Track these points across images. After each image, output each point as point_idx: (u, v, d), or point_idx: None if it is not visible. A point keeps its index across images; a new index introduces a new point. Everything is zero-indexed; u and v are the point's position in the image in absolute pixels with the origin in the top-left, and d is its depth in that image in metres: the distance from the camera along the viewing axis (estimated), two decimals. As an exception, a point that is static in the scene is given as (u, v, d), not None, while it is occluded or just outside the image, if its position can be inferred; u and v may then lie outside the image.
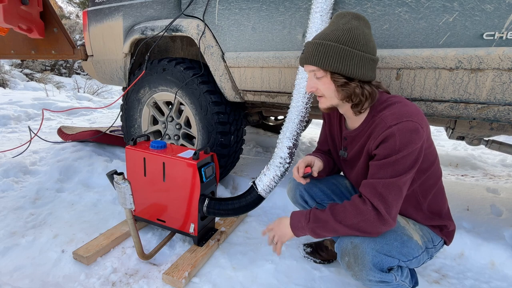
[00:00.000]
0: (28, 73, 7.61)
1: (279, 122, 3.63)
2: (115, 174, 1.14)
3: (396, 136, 0.89)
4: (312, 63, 0.97)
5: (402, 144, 0.89)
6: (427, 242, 1.05)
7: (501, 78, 1.12)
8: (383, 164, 0.92)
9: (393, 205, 0.92)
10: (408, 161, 0.91)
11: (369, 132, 1.01)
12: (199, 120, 1.87)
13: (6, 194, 1.88)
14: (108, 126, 2.69)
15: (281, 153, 1.34)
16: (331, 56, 0.94)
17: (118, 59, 2.17)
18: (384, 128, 0.92)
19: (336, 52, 0.93)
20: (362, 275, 0.96)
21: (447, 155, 3.06)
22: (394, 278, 0.97)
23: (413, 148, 0.90)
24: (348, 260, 0.99)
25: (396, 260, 0.97)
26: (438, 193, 1.09)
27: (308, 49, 0.99)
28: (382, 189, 0.91)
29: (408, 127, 0.89)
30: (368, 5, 1.28)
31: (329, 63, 0.94)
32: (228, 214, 1.37)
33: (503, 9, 1.06)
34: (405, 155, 0.90)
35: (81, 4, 14.19)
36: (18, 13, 2.06)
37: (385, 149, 0.92)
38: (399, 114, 0.92)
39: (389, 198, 0.91)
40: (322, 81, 0.99)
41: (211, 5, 1.67)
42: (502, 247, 1.46)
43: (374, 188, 0.93)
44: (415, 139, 0.89)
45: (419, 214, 1.07)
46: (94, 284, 1.24)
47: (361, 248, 0.95)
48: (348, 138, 1.13)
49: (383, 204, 0.91)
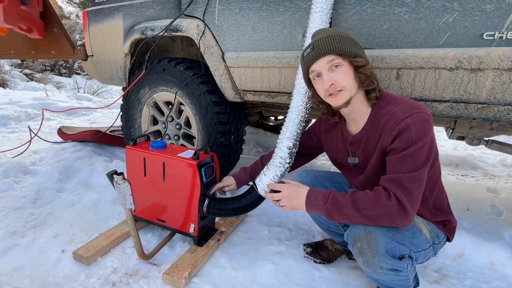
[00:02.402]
0: (28, 73, 7.61)
1: (279, 122, 3.63)
2: (115, 174, 1.14)
3: (411, 127, 0.91)
4: (331, 52, 0.99)
5: (418, 134, 0.91)
6: (434, 238, 1.07)
7: (501, 78, 1.12)
8: (403, 157, 0.93)
9: (417, 199, 0.93)
10: (425, 152, 0.93)
11: (380, 130, 1.02)
12: (199, 120, 1.87)
13: (6, 194, 1.88)
14: (108, 126, 2.69)
15: (281, 153, 1.34)
16: (347, 43, 1.00)
17: (118, 59, 2.17)
18: (397, 122, 0.94)
19: (348, 39, 1.01)
20: (374, 261, 0.96)
21: (447, 155, 3.06)
22: (406, 266, 0.98)
23: (428, 138, 0.92)
24: (360, 245, 0.99)
25: (408, 249, 0.98)
26: (440, 189, 1.10)
27: (320, 42, 1.01)
28: (408, 184, 0.92)
29: (420, 118, 0.92)
30: (368, 5, 1.28)
31: (347, 48, 0.99)
32: (228, 214, 1.37)
33: (503, 9, 1.06)
34: (422, 146, 0.91)
35: (81, 4, 14.19)
36: (18, 13, 2.06)
37: (402, 142, 0.93)
38: (408, 107, 0.94)
39: (414, 192, 0.92)
40: (341, 69, 1.00)
41: (211, 5, 1.67)
42: (502, 247, 1.46)
43: (400, 183, 0.92)
44: (428, 129, 0.92)
45: (425, 210, 1.08)
46: (94, 284, 1.24)
47: (375, 234, 0.96)
48: (355, 142, 1.12)
49: (409, 198, 0.91)
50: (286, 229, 1.67)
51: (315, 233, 1.66)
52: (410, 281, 1.04)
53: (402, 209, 0.91)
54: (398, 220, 0.92)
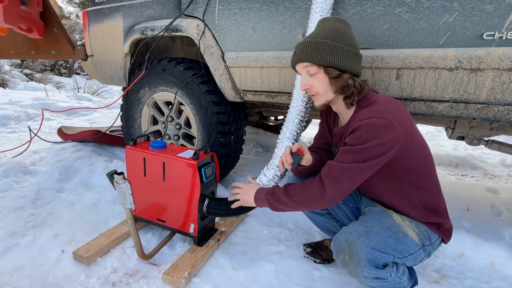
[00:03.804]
0: (28, 73, 7.61)
1: (279, 122, 3.63)
2: (115, 174, 1.14)
3: (363, 128, 0.95)
4: (306, 60, 1.04)
5: (367, 137, 0.94)
6: (423, 240, 1.06)
7: (501, 78, 1.12)
8: (347, 150, 0.99)
9: (343, 188, 0.99)
10: (370, 153, 0.95)
11: (349, 126, 1.05)
12: (199, 120, 1.87)
13: (6, 194, 1.88)
14: (108, 126, 2.69)
15: (281, 153, 1.34)
16: (323, 51, 1.01)
17: (118, 59, 2.17)
18: (356, 121, 0.98)
19: (327, 47, 1.01)
20: (357, 272, 0.98)
21: (447, 155, 3.06)
22: (389, 274, 0.98)
23: (378, 143, 0.93)
24: (343, 257, 1.01)
25: (391, 256, 0.98)
26: (433, 191, 1.09)
27: (300, 48, 1.06)
28: (338, 171, 0.99)
29: (376, 123, 0.94)
30: (368, 5, 1.28)
31: (322, 58, 1.01)
32: (228, 214, 1.37)
33: (503, 9, 1.06)
34: (368, 147, 0.94)
35: (81, 4, 14.19)
36: (18, 13, 2.06)
37: (352, 139, 0.98)
38: (373, 111, 0.97)
39: (341, 180, 0.98)
40: (316, 77, 1.05)
41: (211, 5, 1.68)
42: (502, 247, 1.46)
43: (331, 168, 1.01)
44: (381, 135, 0.93)
45: (414, 211, 1.08)
46: (94, 284, 1.24)
47: (355, 245, 0.97)
48: (337, 135, 1.18)
49: (333, 183, 0.99)
50: (286, 229, 1.67)
51: (315, 233, 1.66)
52: (403, 283, 1.04)
53: (322, 191, 1.00)
54: (318, 200, 1.01)
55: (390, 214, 1.07)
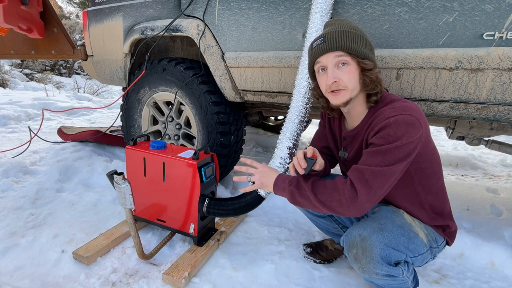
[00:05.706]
0: (28, 73, 7.61)
1: (279, 122, 3.63)
2: (115, 174, 1.14)
3: (392, 126, 0.90)
4: (340, 49, 0.96)
5: (397, 135, 0.90)
6: (431, 242, 1.06)
7: (501, 78, 1.12)
8: (375, 152, 0.93)
9: (377, 193, 0.92)
10: (400, 153, 0.91)
11: (367, 126, 1.02)
12: (199, 120, 1.87)
13: (6, 194, 1.88)
14: (108, 126, 2.69)
15: (281, 153, 1.34)
16: (359, 42, 0.97)
17: (118, 59, 2.17)
18: (382, 120, 0.94)
19: (361, 38, 0.98)
20: (369, 268, 0.96)
21: (447, 155, 3.06)
22: (401, 272, 0.98)
23: (408, 141, 0.90)
24: (356, 252, 0.99)
25: (404, 254, 0.98)
26: (440, 194, 1.09)
27: (332, 36, 0.97)
28: (369, 176, 0.92)
29: (405, 120, 0.90)
30: (368, 5, 1.28)
31: (359, 48, 0.96)
32: (228, 214, 1.37)
33: (503, 9, 1.06)
34: (397, 146, 0.90)
35: (81, 4, 14.19)
36: (18, 13, 2.06)
37: (380, 138, 0.93)
38: (399, 108, 0.93)
39: (374, 185, 0.92)
40: (347, 68, 0.98)
41: (211, 5, 1.67)
42: (502, 247, 1.46)
43: (362, 173, 0.93)
44: (410, 132, 0.90)
45: (423, 214, 1.08)
46: (94, 284, 1.24)
47: (370, 241, 0.96)
48: (348, 137, 1.14)
49: (366, 189, 0.91)
50: (286, 229, 1.67)
51: (315, 233, 1.66)
52: (408, 284, 1.04)
53: (353, 196, 0.92)
54: (348, 207, 0.93)
55: (401, 213, 1.07)
